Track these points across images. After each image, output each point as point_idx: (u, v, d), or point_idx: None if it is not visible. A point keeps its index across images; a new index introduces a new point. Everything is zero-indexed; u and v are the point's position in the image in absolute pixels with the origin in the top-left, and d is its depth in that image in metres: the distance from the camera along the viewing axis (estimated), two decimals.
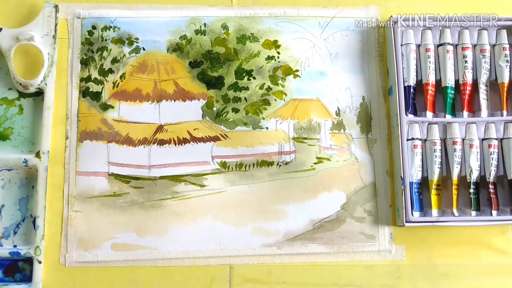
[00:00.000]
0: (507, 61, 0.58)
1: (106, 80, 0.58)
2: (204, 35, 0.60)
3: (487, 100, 0.58)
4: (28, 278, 0.54)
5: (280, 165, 0.57)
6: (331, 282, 0.56)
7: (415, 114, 0.58)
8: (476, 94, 0.58)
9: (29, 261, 0.54)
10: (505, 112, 0.58)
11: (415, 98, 0.58)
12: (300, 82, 0.59)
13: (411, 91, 0.57)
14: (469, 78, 0.58)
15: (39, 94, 0.58)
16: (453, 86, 0.58)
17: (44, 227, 0.54)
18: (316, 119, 0.59)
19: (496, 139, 0.57)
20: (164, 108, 0.58)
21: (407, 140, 0.57)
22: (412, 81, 0.58)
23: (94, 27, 0.59)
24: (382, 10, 0.61)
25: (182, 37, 0.59)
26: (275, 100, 0.59)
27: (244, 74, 0.59)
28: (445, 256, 0.57)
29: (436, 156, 0.56)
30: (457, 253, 0.57)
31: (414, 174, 0.56)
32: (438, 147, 0.57)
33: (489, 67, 0.58)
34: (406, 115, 0.57)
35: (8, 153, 0.56)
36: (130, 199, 0.56)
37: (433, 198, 0.56)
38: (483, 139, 0.58)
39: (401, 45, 0.58)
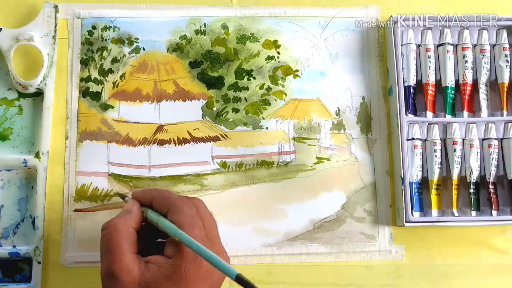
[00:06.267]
0: (507, 61, 0.58)
1: (106, 80, 0.58)
2: (204, 35, 0.59)
3: (487, 100, 0.58)
4: (27, 279, 0.54)
5: (280, 165, 0.57)
6: (331, 282, 0.56)
7: (415, 114, 0.58)
8: (476, 94, 0.58)
9: (28, 261, 0.54)
10: (505, 112, 0.58)
11: (415, 98, 0.58)
12: (300, 82, 0.59)
13: (411, 91, 0.57)
14: (469, 78, 0.58)
15: (39, 94, 0.58)
16: (453, 86, 0.58)
17: (44, 227, 0.54)
18: (316, 119, 0.59)
19: (496, 139, 0.57)
20: (164, 108, 0.58)
21: (407, 140, 0.57)
22: (412, 81, 0.58)
23: (94, 27, 0.59)
24: (382, 10, 0.61)
25: (182, 37, 0.59)
26: (275, 100, 0.59)
27: (244, 74, 0.59)
28: (445, 256, 0.57)
29: (436, 156, 0.56)
30: (457, 253, 0.57)
31: (414, 174, 0.56)
32: (438, 147, 0.57)
33: (489, 67, 0.58)
34: (406, 115, 0.57)
35: (7, 154, 0.56)
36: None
37: (433, 198, 0.56)
38: (483, 139, 0.58)
39: (401, 45, 0.58)
